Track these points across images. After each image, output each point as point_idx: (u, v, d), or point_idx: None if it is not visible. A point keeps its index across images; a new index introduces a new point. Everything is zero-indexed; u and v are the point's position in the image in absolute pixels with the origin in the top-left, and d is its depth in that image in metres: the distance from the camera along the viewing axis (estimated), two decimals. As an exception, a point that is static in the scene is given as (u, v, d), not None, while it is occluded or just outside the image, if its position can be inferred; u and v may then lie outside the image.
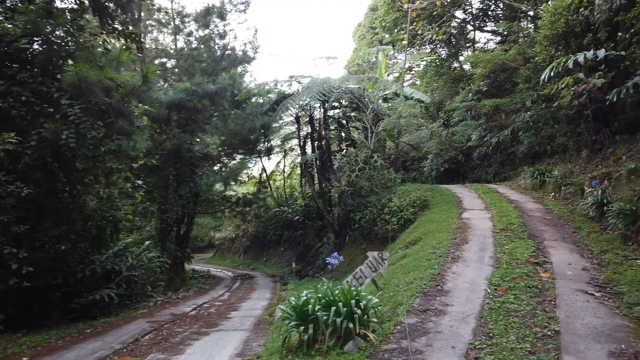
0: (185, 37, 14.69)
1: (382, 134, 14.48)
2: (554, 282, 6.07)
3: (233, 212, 19.80)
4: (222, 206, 18.90)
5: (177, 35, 15.08)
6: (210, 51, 13.48)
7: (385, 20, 22.25)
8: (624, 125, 10.86)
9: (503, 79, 17.24)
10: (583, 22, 10.91)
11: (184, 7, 14.53)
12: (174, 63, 14.23)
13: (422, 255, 7.73)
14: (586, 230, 8.57)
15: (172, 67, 13.79)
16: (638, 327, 4.66)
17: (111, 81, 5.71)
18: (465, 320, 5.00)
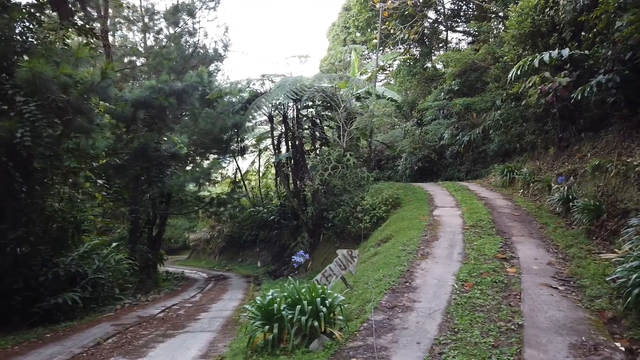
0: (154, 35, 14.41)
1: (355, 133, 14.49)
2: (520, 276, 6.15)
3: (207, 212, 19.51)
4: (196, 207, 18.59)
5: (147, 33, 14.76)
6: (180, 49, 13.22)
7: (358, 19, 22.31)
8: (589, 123, 11.13)
9: (474, 79, 17.50)
10: (549, 22, 11.14)
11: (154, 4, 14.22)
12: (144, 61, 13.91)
13: (392, 253, 7.74)
14: (552, 226, 8.75)
15: (141, 65, 13.48)
16: (599, 320, 4.75)
17: (68, 77, 5.48)
18: (431, 316, 5.01)
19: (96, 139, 5.64)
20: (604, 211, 7.68)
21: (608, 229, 7.40)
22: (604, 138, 10.15)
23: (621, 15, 8.66)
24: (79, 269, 8.58)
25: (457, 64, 16.98)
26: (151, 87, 8.56)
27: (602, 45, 9.54)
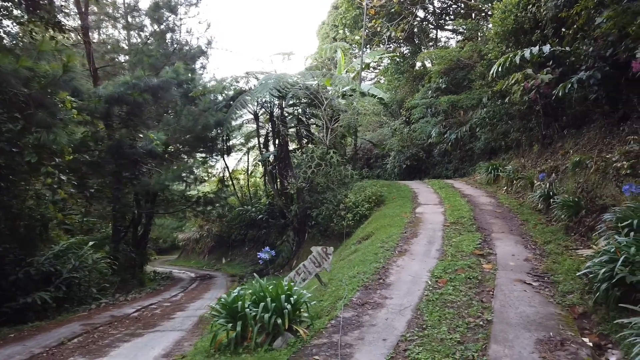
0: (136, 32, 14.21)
1: (339, 130, 14.41)
2: (495, 273, 6.10)
3: (194, 211, 19.33)
4: (183, 206, 18.42)
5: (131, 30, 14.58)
6: (161, 46, 13.06)
7: (345, 17, 22.24)
8: (571, 120, 11.13)
9: (461, 77, 17.48)
10: (531, 19, 11.13)
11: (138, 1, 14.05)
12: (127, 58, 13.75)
13: (370, 250, 7.67)
14: (533, 222, 8.72)
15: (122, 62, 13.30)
16: (569, 315, 4.70)
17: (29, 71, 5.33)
18: (401, 312, 4.93)
19: (57, 134, 5.50)
20: (583, 207, 7.65)
21: (586, 225, 7.37)
22: (585, 135, 10.14)
23: (601, 11, 8.65)
24: (53, 268, 8.43)
25: (442, 62, 16.95)
26: (125, 83, 8.41)
27: (583, 41, 9.53)
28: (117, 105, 8.62)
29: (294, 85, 13.44)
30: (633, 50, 7.85)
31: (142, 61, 10.93)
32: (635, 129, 8.28)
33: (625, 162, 7.28)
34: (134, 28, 13.75)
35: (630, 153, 7.40)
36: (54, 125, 5.51)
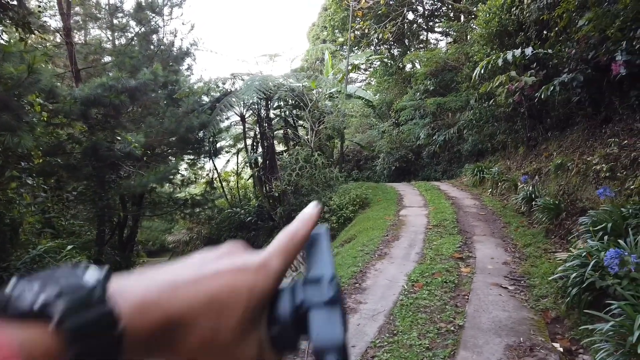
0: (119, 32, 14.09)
1: (325, 132, 14.37)
2: (473, 276, 6.06)
3: (182, 214, 19.18)
4: (170, 208, 18.27)
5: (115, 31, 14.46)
6: (144, 47, 12.95)
7: (334, 19, 22.22)
8: (555, 122, 11.16)
9: (449, 78, 17.50)
10: (515, 22, 11.15)
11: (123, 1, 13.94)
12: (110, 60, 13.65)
13: (350, 253, 7.61)
14: (515, 225, 8.70)
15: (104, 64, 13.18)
16: (541, 320, 4.67)
17: (-12, 72, 5.24)
18: (374, 318, 4.88)
19: (23, 137, 5.38)
20: (563, 210, 7.65)
21: (566, 228, 7.36)
22: (569, 137, 10.15)
23: (582, 14, 8.67)
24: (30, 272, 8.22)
25: (428, 64, 16.97)
26: (102, 84, 8.29)
27: (565, 44, 9.56)
28: (93, 107, 8.52)
29: (280, 87, 13.38)
30: (613, 53, 7.87)
31: (124, 63, 10.83)
32: (616, 132, 8.30)
33: (604, 165, 7.28)
34: (117, 29, 13.64)
35: (610, 156, 7.41)
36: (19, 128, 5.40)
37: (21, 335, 0.29)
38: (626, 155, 6.95)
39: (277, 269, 0.41)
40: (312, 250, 0.47)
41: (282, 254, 0.43)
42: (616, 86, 8.47)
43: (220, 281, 0.38)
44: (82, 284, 0.32)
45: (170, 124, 11.43)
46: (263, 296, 0.40)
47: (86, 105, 8.15)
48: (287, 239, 0.44)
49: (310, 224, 0.47)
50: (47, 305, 0.30)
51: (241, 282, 0.38)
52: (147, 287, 0.36)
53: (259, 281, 0.40)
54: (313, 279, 0.43)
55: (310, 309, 0.40)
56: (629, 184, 6.35)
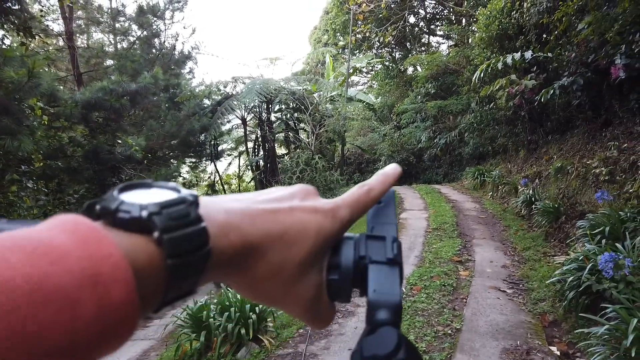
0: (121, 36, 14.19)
1: (326, 136, 14.40)
2: (472, 279, 6.07)
3: (183, 216, 19.19)
4: (171, 211, 18.27)
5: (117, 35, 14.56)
6: (145, 51, 13.04)
7: (335, 22, 22.30)
8: (555, 126, 11.16)
9: (450, 82, 17.52)
10: (515, 25, 11.17)
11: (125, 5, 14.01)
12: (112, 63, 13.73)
13: (349, 256, 7.61)
14: (515, 228, 8.70)
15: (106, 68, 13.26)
16: (538, 323, 4.67)
17: (-11, 77, 5.28)
18: (372, 321, 4.88)
19: (23, 141, 5.42)
20: (563, 213, 7.65)
21: (565, 231, 7.36)
22: (569, 140, 10.15)
23: (582, 17, 8.68)
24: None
25: (429, 67, 17.01)
26: (103, 88, 8.34)
27: (565, 47, 9.57)
28: (95, 111, 8.58)
29: (281, 90, 13.42)
30: (612, 57, 7.88)
31: (126, 66, 10.90)
32: (616, 135, 8.30)
33: (603, 169, 7.28)
34: (119, 33, 13.72)
35: (609, 159, 7.41)
36: (20, 132, 5.44)
37: (126, 242, 0.30)
38: (625, 159, 6.95)
39: (344, 218, 0.43)
40: (378, 210, 0.47)
41: (352, 206, 0.44)
42: (616, 89, 8.47)
43: (293, 217, 0.40)
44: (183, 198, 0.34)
45: (171, 127, 11.48)
46: (328, 239, 0.41)
47: (87, 109, 8.20)
48: (362, 193, 0.45)
49: (387, 185, 0.47)
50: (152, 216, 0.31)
51: (311, 222, 0.40)
52: (230, 211, 0.37)
53: (327, 224, 0.41)
54: (377, 236, 0.44)
55: (371, 264, 0.41)
56: (627, 187, 6.35)
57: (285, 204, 0.41)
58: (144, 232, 0.31)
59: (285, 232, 0.39)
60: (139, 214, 0.31)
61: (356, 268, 0.41)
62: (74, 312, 0.25)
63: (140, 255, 0.30)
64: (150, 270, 0.30)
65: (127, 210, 0.31)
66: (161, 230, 0.31)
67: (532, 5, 10.06)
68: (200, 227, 0.33)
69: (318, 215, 0.41)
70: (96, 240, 0.28)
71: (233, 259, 0.36)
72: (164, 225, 0.31)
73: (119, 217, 0.31)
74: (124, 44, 15.43)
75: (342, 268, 0.42)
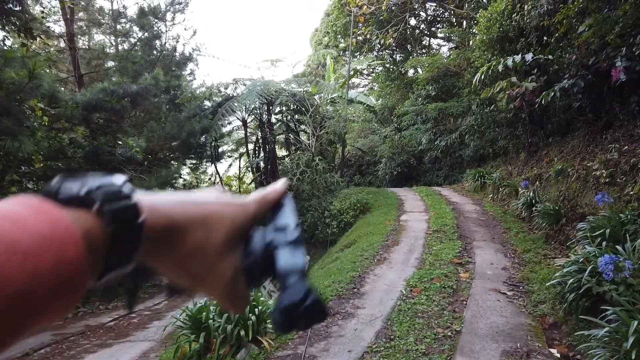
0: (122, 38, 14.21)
1: (326, 137, 14.39)
2: (472, 282, 6.05)
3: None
4: (172, 212, 18.26)
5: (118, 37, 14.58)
6: (146, 52, 13.04)
7: (336, 25, 22.32)
8: (556, 128, 11.14)
9: (450, 84, 17.52)
10: (516, 28, 11.17)
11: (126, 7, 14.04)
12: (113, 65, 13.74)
13: (349, 258, 7.61)
14: (515, 230, 8.69)
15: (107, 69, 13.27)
16: (538, 325, 4.66)
17: (-10, 77, 5.25)
18: (372, 323, 4.88)
19: (23, 142, 5.41)
20: (563, 215, 7.64)
21: (565, 234, 7.35)
22: (570, 143, 10.14)
23: (582, 20, 8.69)
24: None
25: (429, 69, 17.01)
26: (104, 89, 8.33)
27: (565, 50, 9.57)
28: (95, 112, 8.57)
29: (281, 92, 13.43)
30: (613, 59, 7.87)
31: (127, 68, 10.90)
32: (617, 137, 8.29)
33: (604, 171, 7.27)
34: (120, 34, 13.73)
35: (610, 162, 7.40)
36: (20, 132, 5.43)
37: (71, 215, 0.35)
38: (626, 161, 6.95)
39: (252, 211, 0.51)
40: (280, 210, 0.55)
41: (257, 203, 0.53)
42: (617, 92, 8.46)
43: (213, 207, 0.48)
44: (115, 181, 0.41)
45: (172, 128, 11.48)
46: (240, 227, 0.49)
47: (88, 110, 8.20)
48: (263, 195, 0.55)
49: (279, 193, 0.57)
50: (90, 193, 0.38)
51: (227, 212, 0.49)
52: (158, 198, 0.44)
53: (240, 215, 0.50)
54: (280, 226, 0.52)
55: (277, 248, 0.49)
56: (628, 190, 6.34)
57: (207, 197, 0.49)
58: (84, 207, 0.37)
59: (205, 218, 0.46)
60: (79, 191, 0.38)
61: (265, 253, 0.49)
62: (36, 264, 0.30)
63: (84, 223, 0.36)
64: (94, 235, 0.36)
65: (68, 190, 0.38)
66: (100, 203, 0.37)
67: (533, 7, 10.06)
68: (133, 202, 0.39)
69: (233, 207, 0.50)
70: (48, 210, 0.34)
71: (162, 235, 0.43)
72: (102, 199, 0.38)
73: (60, 197, 0.37)
74: (125, 46, 15.45)
75: (253, 254, 0.50)
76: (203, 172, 22.22)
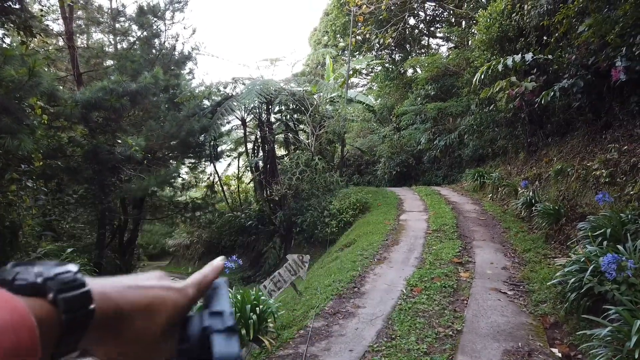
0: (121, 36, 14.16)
1: (326, 137, 14.38)
2: (472, 281, 6.05)
3: (183, 217, 19.17)
4: (171, 212, 18.27)
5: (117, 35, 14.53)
6: (145, 51, 13.00)
7: (335, 24, 22.32)
8: (556, 128, 11.15)
9: (449, 84, 17.53)
10: (515, 27, 11.17)
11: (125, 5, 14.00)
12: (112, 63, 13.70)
13: (349, 258, 7.60)
14: (515, 230, 8.69)
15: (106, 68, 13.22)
16: (539, 325, 4.65)
17: (-13, 75, 5.21)
18: (372, 322, 4.87)
19: (23, 140, 5.38)
20: (563, 215, 7.64)
21: (565, 233, 7.35)
22: (569, 142, 10.15)
23: (582, 20, 8.69)
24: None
25: (428, 69, 17.02)
26: (103, 88, 8.29)
27: (565, 50, 9.57)
28: (94, 111, 8.54)
29: (281, 91, 13.41)
30: (613, 59, 7.88)
31: (126, 67, 10.87)
32: (617, 137, 8.30)
33: (604, 171, 7.27)
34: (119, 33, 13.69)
35: (610, 161, 7.40)
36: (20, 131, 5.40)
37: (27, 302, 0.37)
38: (626, 161, 6.95)
39: (192, 295, 0.53)
40: (214, 292, 0.57)
41: (196, 286, 0.55)
42: (616, 92, 8.47)
43: (155, 292, 0.49)
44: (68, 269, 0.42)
45: (171, 127, 11.45)
46: (181, 311, 0.51)
47: (87, 109, 8.17)
48: (201, 277, 0.56)
49: (217, 272, 0.59)
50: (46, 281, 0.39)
51: (168, 297, 0.50)
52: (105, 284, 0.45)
53: (180, 299, 0.51)
54: (216, 311, 0.52)
55: (213, 333, 0.49)
56: (628, 189, 6.35)
57: (147, 283, 0.50)
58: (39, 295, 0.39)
59: (148, 304, 0.48)
60: (35, 279, 0.39)
61: (201, 337, 0.50)
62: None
63: (39, 311, 0.37)
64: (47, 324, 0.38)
65: (24, 278, 0.39)
66: (55, 292, 0.39)
67: (533, 7, 10.06)
68: (86, 290, 0.41)
69: (174, 292, 0.51)
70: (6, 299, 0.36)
71: (108, 322, 0.44)
72: (58, 288, 0.40)
73: (16, 284, 0.39)
74: (124, 44, 15.40)
75: (190, 338, 0.50)
76: (202, 171, 22.19)
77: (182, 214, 18.42)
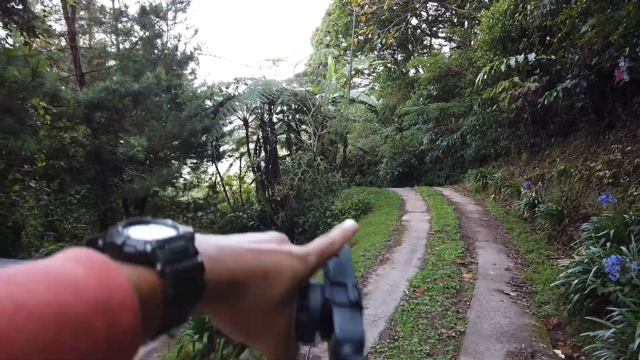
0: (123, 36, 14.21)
1: (328, 137, 14.39)
2: (475, 282, 6.04)
3: (184, 217, 19.20)
4: (173, 212, 18.30)
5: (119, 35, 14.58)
6: (147, 51, 13.05)
7: (337, 24, 22.33)
8: (558, 128, 11.13)
9: (452, 84, 17.52)
10: (518, 27, 11.16)
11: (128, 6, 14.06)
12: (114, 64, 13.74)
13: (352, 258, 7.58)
14: (518, 231, 8.67)
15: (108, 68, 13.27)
16: (543, 326, 4.64)
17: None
18: (375, 323, 4.86)
19: (26, 140, 5.40)
20: (566, 216, 7.62)
21: (568, 234, 7.33)
22: (572, 143, 10.12)
23: (585, 20, 8.67)
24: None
25: (431, 69, 17.01)
26: (105, 88, 8.31)
27: (568, 50, 9.55)
28: (97, 111, 8.55)
29: (283, 91, 13.42)
30: (616, 59, 7.86)
31: (128, 67, 10.90)
32: (620, 138, 8.27)
33: (607, 171, 7.26)
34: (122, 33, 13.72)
35: (613, 162, 7.38)
36: (22, 131, 5.42)
37: (132, 274, 0.34)
38: (629, 162, 6.93)
39: (313, 264, 0.48)
40: (337, 263, 0.52)
41: (319, 254, 0.50)
42: (620, 92, 8.45)
43: (273, 258, 0.45)
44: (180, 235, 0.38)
45: (173, 127, 11.48)
46: (300, 281, 0.47)
47: (90, 109, 8.18)
48: (327, 244, 0.52)
49: (347, 238, 0.54)
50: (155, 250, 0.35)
51: (287, 264, 0.46)
52: (220, 247, 0.42)
53: (300, 268, 0.47)
54: (339, 282, 0.49)
55: (335, 306, 0.46)
56: (631, 190, 6.33)
57: (266, 246, 0.46)
58: (147, 264, 0.35)
59: (265, 271, 0.44)
60: (144, 248, 0.35)
61: (322, 310, 0.47)
62: (88, 338, 0.28)
63: (145, 285, 0.34)
64: (152, 299, 0.34)
65: (132, 245, 0.35)
66: (164, 263, 0.35)
67: (536, 7, 10.05)
68: (198, 261, 0.37)
69: (293, 258, 0.47)
70: (108, 272, 0.31)
71: (221, 292, 0.41)
72: (166, 258, 0.36)
73: (125, 251, 0.35)
74: (126, 45, 15.44)
75: (310, 309, 0.47)
76: (204, 171, 22.20)
77: (184, 214, 18.46)
